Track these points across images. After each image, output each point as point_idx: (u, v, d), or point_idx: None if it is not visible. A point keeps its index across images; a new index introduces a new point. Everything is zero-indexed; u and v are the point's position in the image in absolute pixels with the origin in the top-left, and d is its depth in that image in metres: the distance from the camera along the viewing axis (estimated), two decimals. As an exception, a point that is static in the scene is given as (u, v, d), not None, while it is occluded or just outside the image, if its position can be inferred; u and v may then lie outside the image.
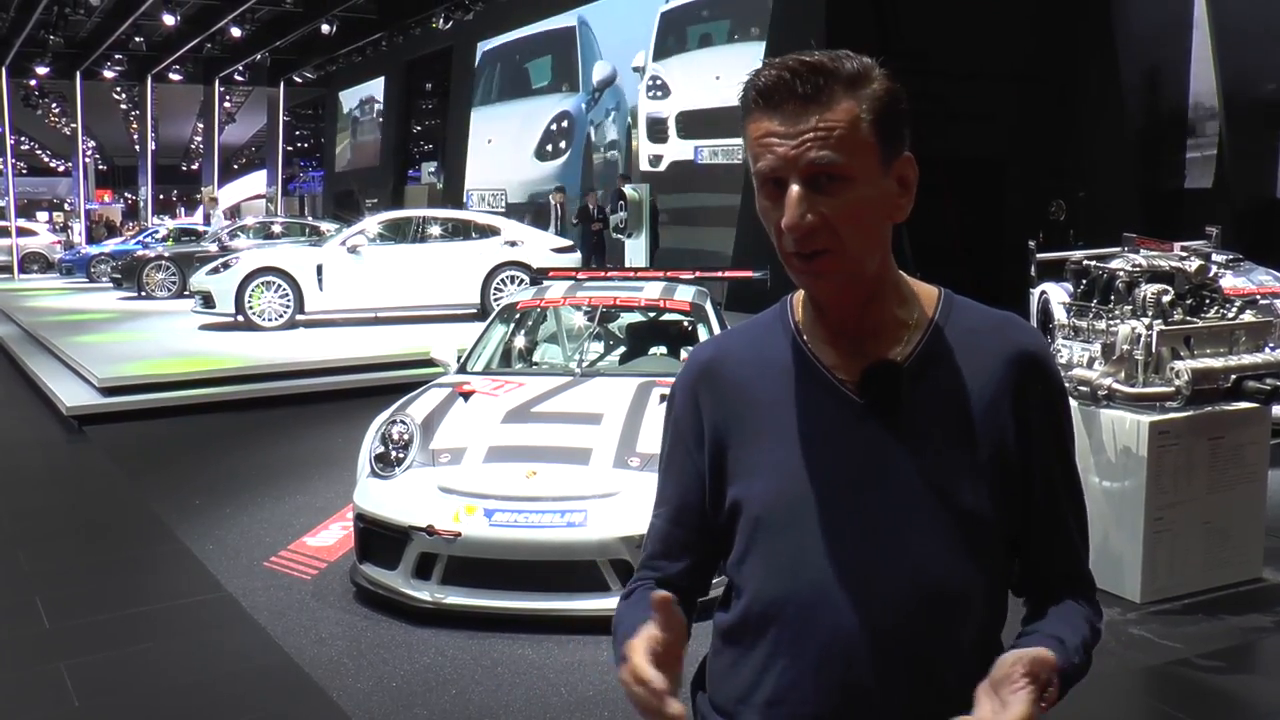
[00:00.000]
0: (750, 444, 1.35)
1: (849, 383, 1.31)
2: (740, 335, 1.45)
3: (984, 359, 1.31)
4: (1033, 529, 1.34)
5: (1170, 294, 4.69)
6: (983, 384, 1.30)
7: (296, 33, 25.27)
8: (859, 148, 1.21)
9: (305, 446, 7.58)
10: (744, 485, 1.35)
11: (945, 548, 1.27)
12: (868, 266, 1.28)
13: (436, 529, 4.23)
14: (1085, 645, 1.30)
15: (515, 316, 6.25)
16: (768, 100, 1.22)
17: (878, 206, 1.25)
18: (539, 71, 21.31)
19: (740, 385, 1.38)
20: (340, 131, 32.81)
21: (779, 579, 1.31)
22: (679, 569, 1.44)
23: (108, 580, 4.99)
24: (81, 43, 26.94)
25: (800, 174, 1.20)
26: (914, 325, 1.33)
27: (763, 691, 1.25)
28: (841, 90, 1.21)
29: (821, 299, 1.32)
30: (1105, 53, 13.53)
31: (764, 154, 1.22)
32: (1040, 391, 1.32)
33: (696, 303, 6.04)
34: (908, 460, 1.28)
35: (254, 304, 12.39)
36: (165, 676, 3.96)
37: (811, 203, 1.20)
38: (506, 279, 13.00)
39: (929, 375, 1.31)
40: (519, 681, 3.79)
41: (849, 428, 1.30)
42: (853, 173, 1.21)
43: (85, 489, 6.88)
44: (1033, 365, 1.32)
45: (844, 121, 1.21)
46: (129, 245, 22.04)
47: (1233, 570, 4.60)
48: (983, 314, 1.37)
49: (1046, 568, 1.37)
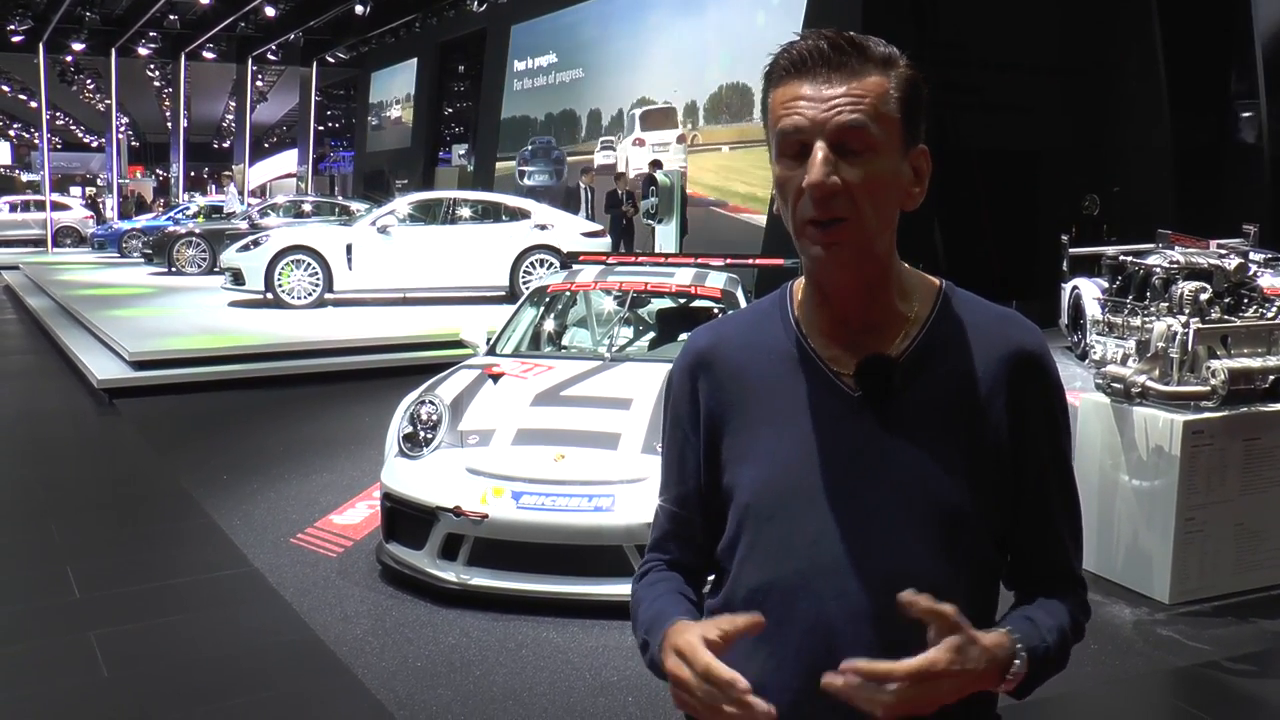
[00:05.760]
0: (744, 431, 1.36)
1: (845, 375, 1.31)
2: (738, 322, 1.46)
3: (981, 355, 1.31)
4: (1022, 527, 1.34)
5: (1208, 292, 4.63)
6: (978, 380, 1.30)
7: (330, 13, 25.33)
8: (886, 121, 1.22)
9: (332, 425, 7.62)
10: (736, 472, 1.36)
11: (929, 542, 1.27)
12: (878, 245, 1.27)
13: (463, 510, 4.24)
14: (1062, 631, 1.30)
15: (545, 300, 6.25)
16: (799, 68, 1.23)
17: (895, 186, 1.25)
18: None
19: (736, 372, 1.38)
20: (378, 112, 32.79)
21: (764, 566, 1.32)
22: (685, 551, 1.46)
23: (137, 552, 5.04)
24: (117, 20, 27.08)
25: (828, 137, 1.20)
26: (913, 319, 1.32)
27: (746, 677, 1.23)
28: (874, 66, 1.23)
29: (828, 278, 1.31)
30: (1145, 45, 13.34)
31: (789, 115, 1.23)
32: (1036, 390, 1.32)
33: (728, 290, 6.02)
34: (898, 454, 1.28)
35: (283, 282, 12.46)
36: (192, 648, 4.00)
37: (836, 167, 1.21)
38: (536, 262, 13.01)
39: (925, 369, 1.30)
40: (543, 664, 3.80)
41: (842, 419, 1.30)
42: (878, 143, 1.22)
43: (115, 462, 6.95)
44: (1030, 363, 1.32)
45: (874, 93, 1.22)
46: (160, 221, 22.21)
47: (1265, 573, 4.54)
48: (983, 309, 1.36)
49: (1035, 565, 1.37)
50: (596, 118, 19.89)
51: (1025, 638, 1.24)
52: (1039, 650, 1.25)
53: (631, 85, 18.69)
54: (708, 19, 16.87)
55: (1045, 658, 1.26)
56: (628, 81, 18.81)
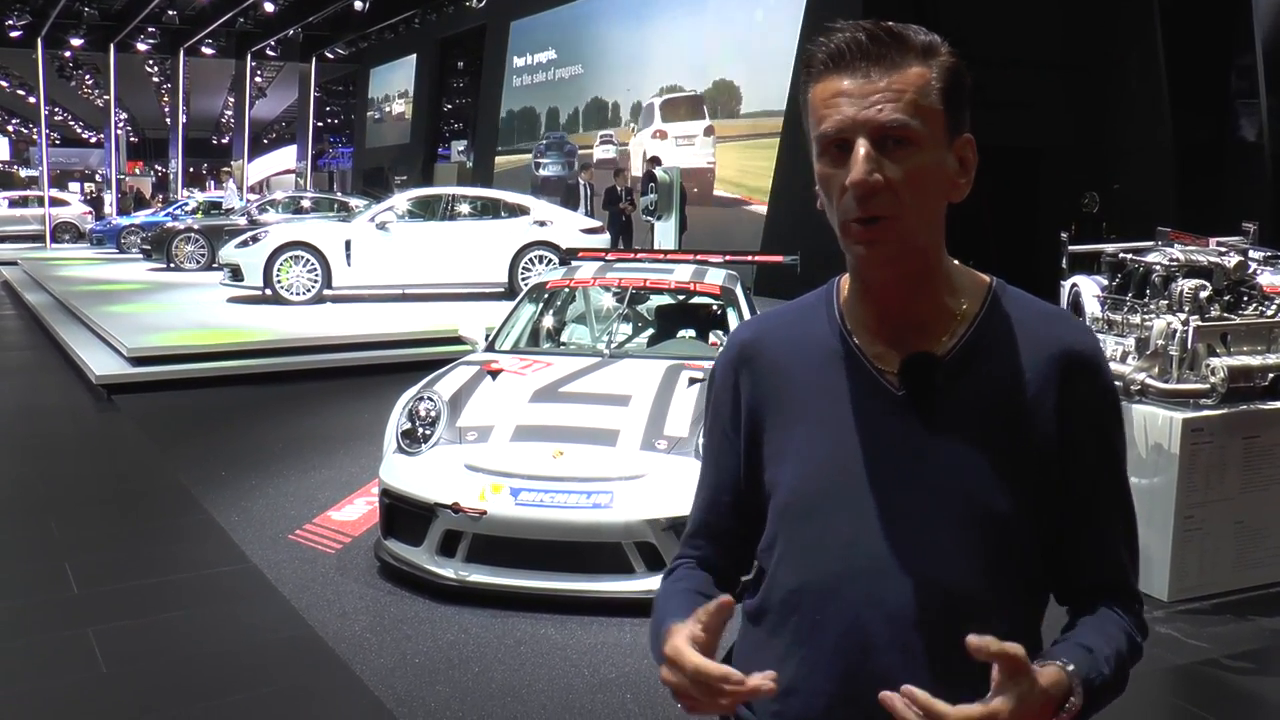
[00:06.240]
0: (785, 428, 1.33)
1: (889, 372, 1.27)
2: (782, 316, 1.42)
3: (1030, 355, 1.26)
4: (1068, 536, 1.29)
5: (1208, 289, 4.62)
6: (1027, 381, 1.25)
7: (329, 8, 25.29)
8: (928, 114, 1.19)
9: (331, 421, 7.61)
10: (776, 470, 1.33)
11: (968, 548, 1.23)
12: (923, 241, 1.24)
13: (462, 506, 4.23)
14: (1119, 657, 1.25)
15: (544, 296, 6.24)
16: (837, 62, 1.20)
17: (939, 179, 1.22)
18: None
19: (779, 368, 1.35)
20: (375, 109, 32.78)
21: (800, 567, 1.30)
22: (717, 549, 1.43)
23: (135, 548, 5.03)
24: (116, 15, 27.04)
25: (869, 134, 1.18)
26: (961, 316, 1.28)
27: (781, 680, 1.23)
28: (914, 56, 1.20)
29: (872, 275, 1.27)
30: (1146, 43, 13.33)
31: (830, 114, 1.20)
32: (1087, 392, 1.27)
33: (727, 286, 6.01)
34: (940, 457, 1.24)
35: (282, 278, 12.44)
36: (190, 645, 3.99)
37: (878, 164, 1.18)
38: (535, 258, 13.00)
39: (971, 369, 1.26)
40: (541, 661, 3.80)
41: (885, 419, 1.27)
42: (920, 138, 1.19)
43: (114, 457, 6.94)
44: (1081, 364, 1.27)
45: (915, 86, 1.19)
46: (159, 217, 22.18)
47: (1264, 571, 4.54)
48: (1034, 307, 1.32)
49: (1083, 577, 1.31)
50: (594, 113, 19.89)
51: (1081, 670, 1.18)
52: (1095, 682, 1.20)
53: (631, 81, 18.68)
54: (706, 16, 16.86)
55: (1102, 688, 1.21)
56: (627, 78, 18.80)
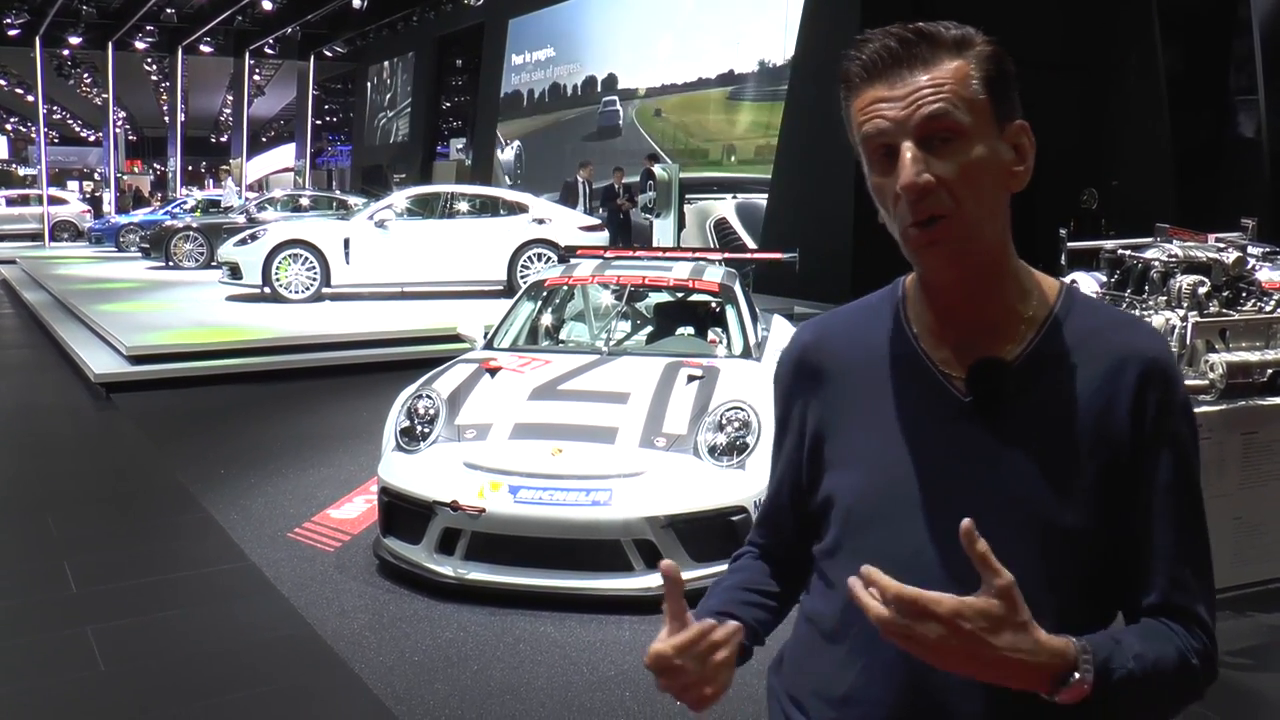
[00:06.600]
0: (847, 433, 1.31)
1: (955, 377, 1.24)
2: (846, 316, 1.39)
3: (1101, 363, 1.22)
4: (1131, 553, 1.23)
5: (1206, 286, 4.62)
6: (1096, 390, 1.21)
7: (327, 7, 25.27)
8: (971, 104, 1.16)
9: (330, 419, 7.61)
10: (838, 475, 1.31)
11: (1028, 561, 1.17)
12: (986, 236, 1.20)
13: (461, 504, 4.23)
14: (1157, 665, 1.15)
15: (543, 294, 6.23)
16: (872, 72, 1.18)
17: (993, 169, 1.18)
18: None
19: (842, 371, 1.33)
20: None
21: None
22: (775, 538, 1.46)
23: (134, 547, 5.03)
24: (114, 13, 27.01)
25: (913, 134, 1.15)
26: (1030, 321, 1.24)
27: (838, 688, 1.23)
28: (947, 51, 1.18)
29: (935, 276, 1.24)
30: (1145, 41, 13.33)
31: (872, 120, 1.18)
32: (1158, 403, 1.21)
33: (725, 284, 6.01)
34: (1005, 466, 1.21)
35: (281, 276, 12.43)
36: (189, 644, 3.99)
37: (926, 163, 1.15)
38: (534, 256, 13.00)
39: (1040, 376, 1.22)
40: (540, 659, 3.80)
41: (949, 425, 1.24)
42: (966, 129, 1.16)
43: (113, 456, 6.94)
44: (1153, 373, 1.22)
45: (953, 78, 1.16)
46: (158, 215, 22.17)
47: (1263, 567, 4.54)
48: (1106, 314, 1.28)
49: (1146, 595, 1.23)
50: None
51: (1096, 651, 1.11)
52: (1115, 671, 1.11)
53: (630, 79, 18.67)
54: (705, 13, 16.85)
55: (1123, 682, 1.11)
56: (627, 76, 18.78)
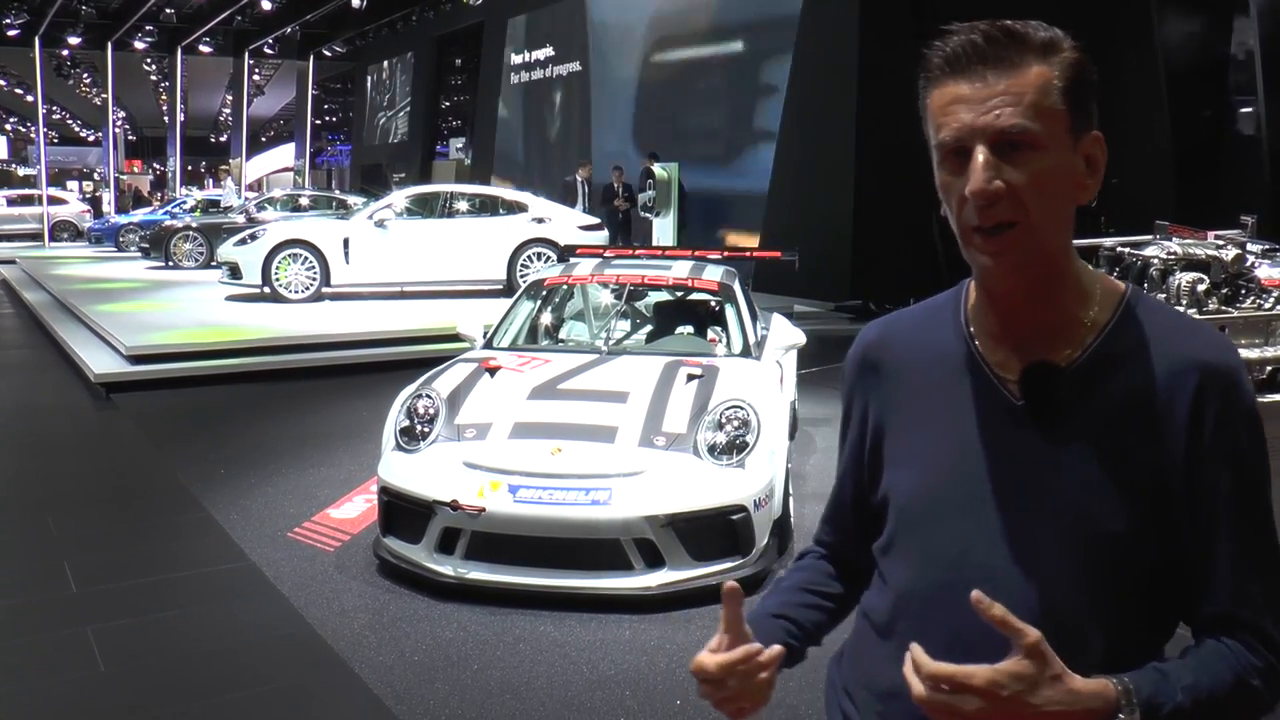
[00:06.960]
0: (906, 432, 1.33)
1: (1010, 381, 1.24)
2: (910, 317, 1.40)
3: (1162, 368, 1.19)
4: (1190, 567, 1.19)
5: (1205, 283, 4.63)
6: (1156, 396, 1.18)
7: (326, 7, 25.27)
8: (1049, 115, 1.15)
9: (329, 419, 7.61)
10: (895, 474, 1.33)
11: (1073, 566, 1.18)
12: (1051, 246, 1.19)
13: (460, 504, 4.23)
14: (1211, 693, 1.12)
15: (542, 293, 6.23)
16: (954, 66, 1.17)
17: (1064, 180, 1.17)
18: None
19: (902, 370, 1.34)
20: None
21: (911, 573, 1.29)
22: (838, 536, 1.48)
23: (134, 547, 5.03)
24: (113, 13, 27.01)
25: (988, 140, 1.14)
26: (1090, 325, 1.23)
27: (885, 681, 1.24)
28: (1033, 56, 1.16)
29: (995, 283, 1.23)
30: (1144, 39, 13.32)
31: (948, 122, 1.17)
32: (1220, 411, 1.17)
33: (725, 282, 6.01)
34: (1058, 472, 1.19)
35: (280, 276, 12.43)
36: (189, 643, 3.99)
37: (998, 170, 1.14)
38: (533, 255, 13.00)
39: (1098, 381, 1.20)
40: (540, 659, 3.80)
41: (1004, 429, 1.23)
42: (1042, 141, 1.14)
43: (113, 456, 6.94)
44: (1217, 380, 1.18)
45: (1035, 86, 1.15)
46: (157, 215, 22.17)
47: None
48: (1169, 318, 1.25)
49: (1207, 607, 1.20)
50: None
51: (1140, 689, 1.09)
52: (1163, 706, 1.09)
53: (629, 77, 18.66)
54: (704, 11, 16.84)
55: (1173, 715, 1.09)
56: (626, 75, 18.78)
